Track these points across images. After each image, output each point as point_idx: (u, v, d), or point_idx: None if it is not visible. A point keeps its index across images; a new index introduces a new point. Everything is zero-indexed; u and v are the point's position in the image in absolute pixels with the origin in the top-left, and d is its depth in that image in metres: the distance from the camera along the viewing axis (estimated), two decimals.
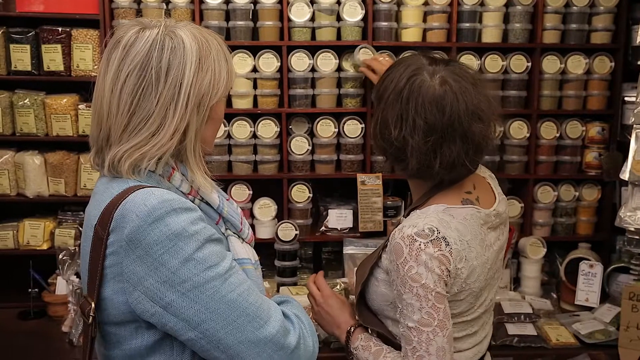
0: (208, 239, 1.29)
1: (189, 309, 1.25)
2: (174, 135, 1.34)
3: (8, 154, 3.05)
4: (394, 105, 1.63)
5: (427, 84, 1.61)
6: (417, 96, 1.60)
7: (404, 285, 1.56)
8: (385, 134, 1.65)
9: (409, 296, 1.56)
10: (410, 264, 1.55)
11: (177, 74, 1.33)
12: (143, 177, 1.35)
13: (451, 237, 1.58)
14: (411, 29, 3.03)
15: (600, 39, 3.11)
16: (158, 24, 1.38)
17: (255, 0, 2.99)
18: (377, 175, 3.07)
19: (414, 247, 1.55)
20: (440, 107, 1.58)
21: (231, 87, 1.50)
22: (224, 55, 1.42)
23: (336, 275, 3.12)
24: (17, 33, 2.98)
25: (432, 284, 1.54)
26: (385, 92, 1.67)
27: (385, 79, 1.69)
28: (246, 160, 3.07)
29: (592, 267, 2.96)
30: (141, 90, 1.33)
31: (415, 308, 1.55)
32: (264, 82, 3.03)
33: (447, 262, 1.56)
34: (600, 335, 2.69)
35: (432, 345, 1.54)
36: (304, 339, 1.37)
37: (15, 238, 3.05)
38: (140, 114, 1.33)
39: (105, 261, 1.28)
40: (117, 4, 2.95)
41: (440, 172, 1.63)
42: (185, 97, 1.33)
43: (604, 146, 3.16)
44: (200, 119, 1.37)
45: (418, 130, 1.59)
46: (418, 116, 1.59)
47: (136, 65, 1.33)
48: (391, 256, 1.60)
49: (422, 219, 1.59)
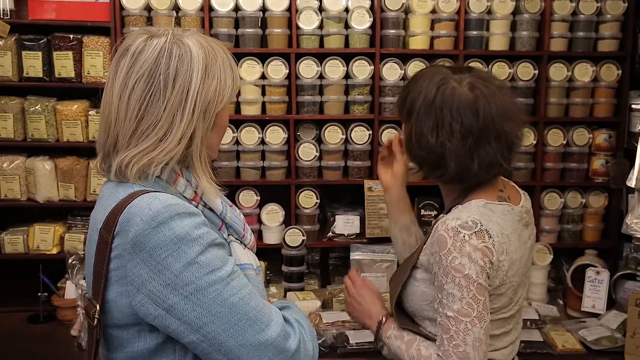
0: (211, 243, 1.30)
1: (191, 311, 1.26)
2: (181, 141, 1.36)
3: (19, 159, 3.09)
4: (428, 114, 1.69)
5: (458, 90, 1.68)
6: (450, 103, 1.67)
7: (447, 275, 1.60)
8: (423, 143, 1.71)
9: (450, 286, 1.60)
10: (454, 254, 1.60)
11: (184, 81, 1.35)
12: (150, 182, 1.36)
13: (493, 229, 1.63)
14: (419, 36, 3.05)
15: (607, 46, 3.13)
16: (166, 32, 1.40)
17: (265, 8, 3.02)
18: None
19: (458, 239, 1.60)
20: (474, 111, 1.66)
21: (236, 95, 1.52)
22: (229, 64, 1.44)
23: (343, 281, 3.12)
24: (29, 40, 3.02)
25: (475, 274, 1.59)
26: (414, 104, 1.73)
27: (410, 93, 1.75)
28: (254, 166, 3.10)
29: (599, 273, 2.97)
30: (149, 96, 1.35)
31: (456, 298, 1.59)
32: (272, 89, 3.05)
33: (490, 254, 1.61)
34: (606, 342, 2.69)
35: (469, 336, 1.57)
36: (304, 343, 1.38)
37: (26, 242, 3.08)
38: (148, 120, 1.35)
39: (109, 264, 1.30)
40: (128, 12, 2.98)
41: (479, 174, 1.69)
42: (192, 104, 1.35)
43: (611, 153, 3.17)
44: (206, 125, 1.39)
45: (456, 135, 1.66)
46: (454, 121, 1.66)
47: (144, 72, 1.35)
48: (434, 248, 1.64)
49: (465, 212, 1.65)
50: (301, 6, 3.01)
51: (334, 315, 2.80)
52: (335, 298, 2.93)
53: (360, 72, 3.04)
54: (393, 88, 3.05)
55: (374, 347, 2.58)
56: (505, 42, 3.10)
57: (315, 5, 3.03)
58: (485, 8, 3.04)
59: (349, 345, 2.59)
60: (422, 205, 3.13)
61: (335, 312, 2.84)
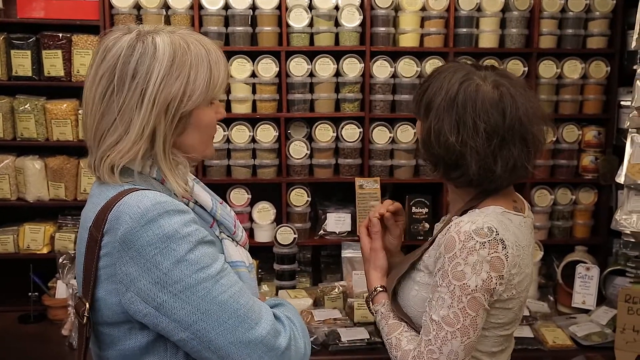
0: (200, 240, 1.29)
1: (180, 309, 1.26)
2: (138, 142, 1.33)
3: (9, 159, 3.07)
4: (449, 111, 1.58)
5: (483, 88, 1.58)
6: (474, 100, 1.56)
7: (444, 278, 1.52)
8: (442, 141, 1.59)
9: (444, 290, 1.52)
10: (457, 260, 1.51)
11: (143, 78, 1.32)
12: (136, 179, 1.36)
13: (509, 240, 1.53)
14: (409, 34, 3.06)
15: (596, 43, 3.14)
16: (141, 29, 1.38)
17: (254, 6, 3.02)
18: (375, 180, 3.09)
19: (467, 245, 1.50)
20: (500, 110, 1.56)
21: (226, 93, 1.48)
22: (206, 63, 1.38)
23: (334, 279, 3.14)
24: (17, 39, 3.01)
25: (473, 287, 1.50)
26: (434, 100, 1.61)
27: (430, 88, 1.64)
28: (245, 164, 3.09)
29: (589, 269, 2.98)
30: (109, 93, 1.34)
31: (445, 304, 1.51)
32: (262, 87, 3.05)
33: (501, 266, 1.51)
34: (596, 338, 2.71)
35: (446, 346, 1.51)
36: (295, 341, 1.38)
37: (16, 242, 3.07)
38: (109, 117, 1.34)
39: (99, 262, 1.30)
40: (117, 10, 2.97)
41: (503, 176, 1.58)
42: (150, 101, 1.32)
43: (600, 150, 3.18)
44: (169, 125, 1.35)
45: (480, 134, 1.55)
46: (479, 119, 1.55)
47: (108, 68, 1.34)
48: (441, 248, 1.55)
49: (482, 217, 1.54)
50: (291, 4, 3.01)
51: (325, 312, 2.81)
52: (326, 296, 2.94)
53: (350, 70, 3.04)
54: (383, 86, 3.06)
55: (365, 344, 2.61)
56: (495, 39, 3.11)
57: (305, 3, 3.03)
58: (475, 5, 3.05)
59: (340, 342, 2.60)
60: (413, 202, 3.14)
61: (327, 310, 2.85)
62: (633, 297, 2.57)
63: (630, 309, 2.57)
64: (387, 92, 3.08)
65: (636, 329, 2.55)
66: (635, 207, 2.49)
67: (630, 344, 2.55)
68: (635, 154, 2.46)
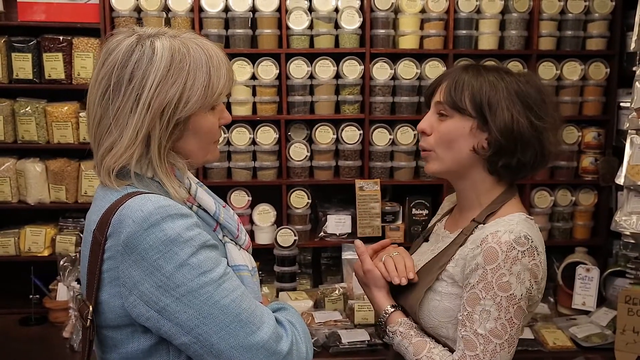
0: (203, 244, 1.30)
1: (182, 313, 1.26)
2: (131, 146, 1.33)
3: (10, 162, 3.08)
4: (514, 103, 1.60)
5: (523, 85, 1.62)
6: (526, 93, 1.61)
7: (487, 291, 1.51)
8: (515, 130, 1.58)
9: (489, 303, 1.51)
10: (502, 271, 1.51)
11: (139, 82, 1.32)
12: (135, 182, 1.36)
13: (540, 246, 1.56)
14: (408, 36, 3.06)
15: (595, 45, 3.15)
16: (142, 32, 1.38)
17: (254, 9, 3.02)
18: (375, 181, 3.10)
19: (510, 255, 1.51)
20: (546, 97, 1.64)
21: (227, 96, 1.47)
22: (206, 69, 1.37)
23: (335, 281, 3.14)
24: (18, 42, 3.02)
25: (519, 296, 1.51)
26: (492, 96, 1.61)
27: (475, 88, 1.62)
28: (245, 166, 3.10)
29: (589, 271, 2.99)
30: (107, 96, 1.34)
31: (491, 316, 1.50)
32: (263, 89, 3.06)
33: (538, 272, 1.54)
34: (596, 339, 2.71)
35: (495, 358, 1.50)
36: (297, 345, 1.37)
37: (17, 245, 3.08)
38: (104, 122, 1.35)
39: (102, 265, 1.30)
40: (118, 13, 2.98)
41: (548, 160, 1.67)
42: (144, 107, 1.32)
43: (600, 151, 3.19)
44: (164, 130, 1.34)
45: (545, 120, 1.61)
46: (540, 109, 1.61)
47: (107, 71, 1.34)
48: (478, 260, 1.54)
49: (516, 225, 1.55)
50: (291, 6, 3.02)
51: (326, 314, 2.82)
52: (327, 297, 2.94)
53: (350, 72, 3.05)
54: (383, 88, 3.06)
55: (366, 346, 2.62)
56: (495, 41, 3.11)
57: (305, 5, 3.04)
58: (474, 7, 3.06)
59: (341, 344, 2.61)
60: (413, 204, 3.14)
61: (328, 312, 2.85)
62: (633, 298, 2.57)
63: (630, 310, 2.57)
64: (387, 94, 3.08)
65: (636, 330, 2.55)
66: (634, 208, 2.49)
67: (631, 345, 2.56)
68: (634, 155, 2.47)
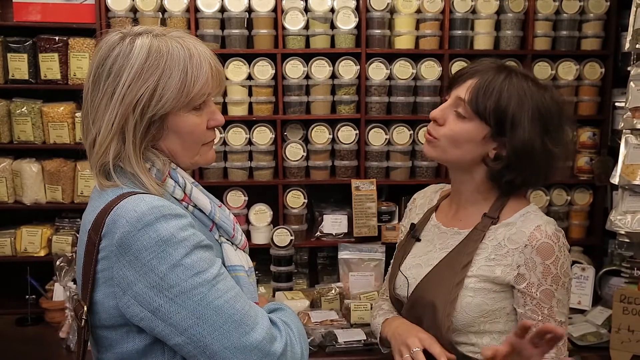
0: (197, 245, 1.30)
1: (176, 314, 1.26)
2: (107, 140, 1.35)
3: (5, 162, 3.07)
4: (534, 122, 1.66)
5: (553, 96, 1.72)
6: (549, 110, 1.68)
7: (557, 282, 1.63)
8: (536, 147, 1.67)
9: (561, 292, 1.64)
10: (562, 260, 1.64)
11: (114, 78, 1.34)
12: (117, 181, 1.37)
13: None
14: (404, 36, 3.07)
15: (590, 45, 3.15)
16: (128, 31, 1.40)
17: (250, 9, 3.02)
18: (371, 181, 3.10)
19: (560, 243, 1.66)
20: (565, 119, 1.73)
21: (223, 96, 1.47)
22: (182, 68, 1.36)
23: (331, 280, 3.14)
24: (14, 42, 3.01)
25: (571, 273, 1.69)
26: (516, 111, 1.65)
27: (502, 99, 1.65)
28: (241, 166, 3.10)
29: (584, 270, 2.99)
30: (91, 92, 1.37)
31: (564, 302, 1.65)
32: (259, 89, 3.06)
33: None
34: (592, 338, 2.72)
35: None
36: (291, 346, 1.37)
37: (13, 245, 3.08)
38: (90, 115, 1.38)
39: (97, 266, 1.31)
40: (114, 13, 2.98)
41: (552, 175, 1.78)
42: (117, 101, 1.33)
43: (595, 151, 3.20)
44: (138, 125, 1.35)
45: (559, 145, 1.71)
46: (561, 120, 1.71)
47: (91, 69, 1.39)
48: (533, 258, 1.63)
49: (544, 216, 1.74)
50: (287, 7, 3.02)
51: (322, 314, 2.82)
52: (323, 297, 2.94)
53: (346, 72, 3.05)
54: (379, 88, 3.07)
55: (362, 346, 2.62)
56: (490, 41, 3.12)
57: (301, 5, 3.04)
58: (470, 7, 3.06)
59: (337, 343, 2.61)
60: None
61: (324, 311, 2.85)
62: (628, 297, 2.58)
63: (625, 309, 2.57)
64: (382, 94, 3.09)
65: (631, 329, 2.55)
66: (629, 207, 2.50)
67: (626, 344, 2.56)
68: (629, 154, 2.47)
